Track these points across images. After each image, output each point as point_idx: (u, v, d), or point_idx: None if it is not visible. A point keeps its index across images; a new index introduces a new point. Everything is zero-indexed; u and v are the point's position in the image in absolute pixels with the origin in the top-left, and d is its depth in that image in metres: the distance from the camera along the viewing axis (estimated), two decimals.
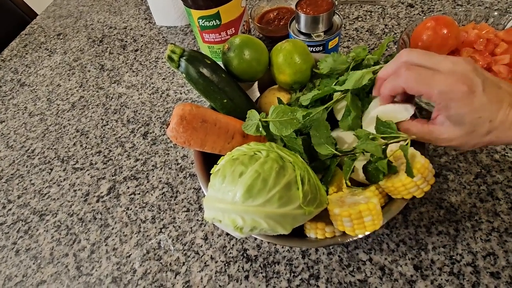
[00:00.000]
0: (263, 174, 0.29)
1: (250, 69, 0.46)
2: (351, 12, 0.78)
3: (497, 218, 0.43)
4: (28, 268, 0.51)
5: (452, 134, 0.32)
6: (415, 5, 0.75)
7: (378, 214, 0.32)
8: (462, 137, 0.31)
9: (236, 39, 0.46)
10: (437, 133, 0.33)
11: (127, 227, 0.53)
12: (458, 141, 0.32)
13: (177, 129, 0.38)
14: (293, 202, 0.30)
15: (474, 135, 0.31)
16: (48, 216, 0.57)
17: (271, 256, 0.46)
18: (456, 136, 0.32)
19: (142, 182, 0.58)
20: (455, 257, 0.41)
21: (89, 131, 0.69)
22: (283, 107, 0.35)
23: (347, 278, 0.42)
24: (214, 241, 0.48)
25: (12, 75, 0.90)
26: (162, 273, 0.47)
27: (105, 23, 0.99)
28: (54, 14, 1.10)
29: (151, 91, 0.74)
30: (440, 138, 0.33)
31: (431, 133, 0.33)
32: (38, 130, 0.73)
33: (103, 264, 0.49)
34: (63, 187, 0.61)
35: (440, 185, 0.47)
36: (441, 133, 0.32)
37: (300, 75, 0.46)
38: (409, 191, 0.34)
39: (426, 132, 0.34)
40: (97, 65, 0.85)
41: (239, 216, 0.29)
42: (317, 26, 0.56)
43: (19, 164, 0.67)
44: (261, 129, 0.37)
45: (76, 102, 0.77)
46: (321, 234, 0.35)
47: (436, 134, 0.33)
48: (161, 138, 0.64)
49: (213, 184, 0.33)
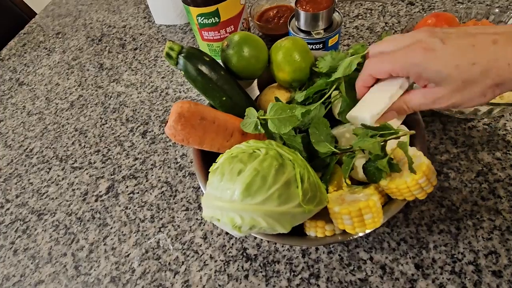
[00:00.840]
0: (262, 171, 0.29)
1: (249, 66, 0.46)
2: (351, 10, 0.78)
3: (498, 216, 0.43)
4: (26, 268, 0.51)
5: (444, 92, 0.30)
6: (415, 3, 0.75)
7: (378, 211, 0.32)
8: (457, 93, 0.29)
9: (235, 36, 0.45)
10: (433, 94, 0.31)
11: (126, 227, 0.52)
12: (456, 98, 0.29)
13: (175, 126, 0.37)
14: (292, 200, 0.29)
15: (470, 84, 0.28)
16: (47, 216, 0.57)
17: (271, 255, 0.45)
18: (449, 93, 0.29)
19: (141, 181, 0.58)
20: (457, 255, 0.41)
21: (88, 130, 0.69)
22: (281, 104, 0.35)
23: (348, 277, 0.42)
24: (213, 240, 0.48)
25: (11, 74, 0.90)
26: (161, 273, 0.46)
27: (104, 22, 0.98)
28: (53, 13, 1.10)
29: (150, 89, 0.74)
30: (438, 100, 0.31)
31: (426, 98, 0.32)
32: (37, 129, 0.72)
33: (102, 264, 0.49)
34: (61, 186, 0.60)
35: (441, 183, 0.47)
36: (436, 91, 0.30)
37: (299, 73, 0.45)
38: (413, 193, 0.33)
39: (423, 98, 0.32)
40: (96, 64, 0.85)
41: (238, 215, 0.28)
42: (317, 24, 0.55)
43: (17, 163, 0.67)
44: (259, 127, 0.37)
45: (74, 101, 0.77)
46: (321, 232, 0.35)
47: (432, 95, 0.31)
48: (160, 137, 0.64)
49: (211, 182, 0.32)
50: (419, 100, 0.32)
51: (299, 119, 0.34)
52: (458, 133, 0.51)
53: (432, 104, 0.32)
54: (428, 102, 0.32)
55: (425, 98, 0.32)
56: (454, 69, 0.28)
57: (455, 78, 0.28)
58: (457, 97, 0.29)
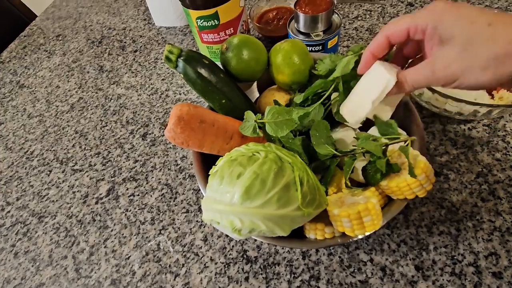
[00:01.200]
0: (262, 175, 0.29)
1: (248, 69, 0.46)
2: (350, 11, 0.78)
3: (498, 218, 0.43)
4: (27, 271, 0.51)
5: (446, 55, 0.28)
6: (414, 3, 0.75)
7: (378, 214, 0.32)
8: (459, 56, 0.27)
9: (235, 39, 0.45)
10: (431, 64, 0.29)
11: (126, 229, 0.52)
12: (457, 63, 0.28)
13: (175, 129, 0.38)
14: (291, 204, 0.29)
15: (477, 45, 0.26)
16: (47, 218, 0.57)
17: (271, 257, 0.45)
18: (452, 56, 0.28)
19: (141, 184, 0.58)
20: (457, 257, 0.41)
21: (88, 132, 0.69)
22: (278, 108, 0.35)
23: (348, 279, 0.42)
24: (213, 242, 0.48)
25: (11, 77, 0.90)
26: (162, 275, 0.46)
27: (104, 24, 0.99)
28: (53, 15, 1.10)
29: (150, 92, 0.74)
30: (437, 68, 0.29)
31: (425, 68, 0.30)
32: (37, 131, 0.73)
33: (102, 266, 0.49)
34: (62, 189, 0.60)
35: (441, 184, 0.47)
36: (435, 61, 0.29)
37: (299, 75, 0.45)
38: (413, 191, 0.34)
39: (422, 69, 0.31)
40: (96, 66, 0.85)
41: (237, 218, 0.29)
42: (316, 26, 0.56)
43: (18, 166, 0.67)
44: (258, 131, 0.37)
45: (75, 103, 0.77)
46: (321, 235, 0.35)
47: (431, 65, 0.30)
48: (160, 139, 0.64)
49: (211, 185, 0.32)
50: (418, 72, 0.31)
51: (296, 122, 0.34)
52: (458, 134, 0.51)
53: (431, 75, 0.30)
54: (427, 73, 0.30)
55: (423, 69, 0.30)
56: (469, 25, 0.26)
57: (466, 33, 0.27)
58: (457, 63, 0.28)
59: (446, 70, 0.28)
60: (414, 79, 0.32)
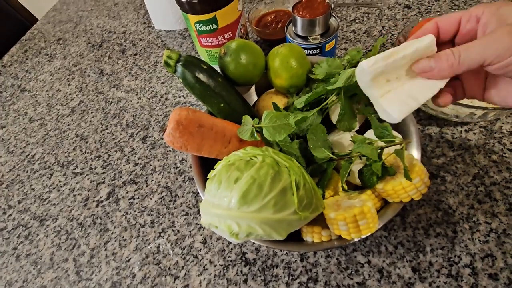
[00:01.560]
0: (259, 179, 0.30)
1: (246, 73, 0.47)
2: (348, 14, 0.78)
3: (495, 219, 0.43)
4: (28, 274, 0.52)
5: (498, 36, 0.25)
6: (412, 6, 0.75)
7: (373, 217, 0.32)
8: (506, 37, 0.25)
9: (233, 44, 0.46)
10: (489, 37, 0.26)
11: (126, 232, 0.53)
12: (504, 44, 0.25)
13: (173, 134, 0.38)
14: (288, 208, 0.30)
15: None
16: (48, 221, 0.57)
17: (270, 259, 0.46)
18: (502, 37, 0.25)
19: (141, 187, 0.58)
20: (453, 259, 0.41)
21: (89, 135, 0.70)
22: (275, 112, 0.36)
23: (346, 281, 0.42)
24: (212, 244, 0.49)
25: (13, 81, 0.91)
26: (161, 277, 0.47)
27: (104, 28, 0.99)
28: (54, 19, 1.11)
29: (150, 95, 0.74)
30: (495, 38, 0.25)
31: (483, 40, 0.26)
32: (38, 135, 0.73)
33: (103, 269, 0.50)
34: (63, 192, 0.61)
35: (437, 186, 0.47)
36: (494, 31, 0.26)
37: (296, 79, 0.46)
38: (409, 194, 0.34)
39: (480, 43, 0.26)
40: (97, 69, 0.86)
41: (235, 222, 0.29)
42: (313, 29, 0.56)
43: (19, 169, 0.67)
44: (255, 135, 0.38)
45: (75, 107, 0.77)
46: (318, 238, 0.35)
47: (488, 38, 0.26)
48: (160, 142, 0.65)
49: (209, 189, 0.33)
50: (478, 47, 0.26)
51: (293, 127, 0.34)
52: (454, 136, 0.52)
53: (483, 51, 0.26)
54: (486, 49, 0.26)
55: (481, 45, 0.26)
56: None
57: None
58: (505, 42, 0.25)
59: (506, 37, 0.25)
60: (473, 53, 0.27)
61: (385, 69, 0.29)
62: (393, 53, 0.29)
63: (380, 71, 0.29)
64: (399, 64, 0.30)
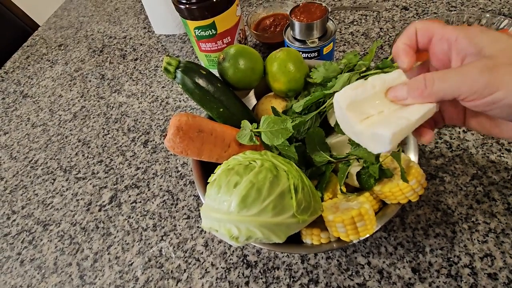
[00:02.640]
0: (257, 184, 0.30)
1: (245, 78, 0.47)
2: (346, 16, 0.79)
3: (493, 219, 0.44)
4: (32, 278, 0.52)
5: (470, 70, 0.24)
6: (409, 8, 0.76)
7: (371, 219, 0.33)
8: (481, 74, 0.23)
9: (231, 49, 0.47)
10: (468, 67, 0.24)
11: (129, 236, 0.54)
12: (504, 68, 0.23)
13: (174, 139, 0.39)
14: (287, 211, 0.30)
15: (495, 70, 0.23)
16: (52, 226, 0.58)
17: (271, 261, 0.46)
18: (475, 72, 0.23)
19: (143, 190, 0.59)
20: (453, 259, 0.42)
21: (91, 140, 0.71)
22: (273, 117, 0.36)
23: (346, 282, 0.43)
24: (214, 247, 0.49)
25: (15, 87, 0.92)
26: (164, 281, 0.47)
27: (105, 33, 1.01)
28: (55, 25, 1.12)
29: (151, 99, 0.75)
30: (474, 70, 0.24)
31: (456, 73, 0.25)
32: (41, 140, 0.74)
33: (106, 273, 0.50)
34: (66, 197, 0.62)
35: (436, 187, 0.48)
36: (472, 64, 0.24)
37: (294, 83, 0.46)
38: (406, 195, 0.35)
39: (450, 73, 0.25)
40: (98, 75, 0.87)
41: (234, 226, 0.30)
42: (311, 33, 0.57)
43: (22, 175, 0.68)
44: (254, 139, 0.38)
45: (77, 112, 0.78)
46: (317, 240, 0.36)
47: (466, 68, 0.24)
48: (161, 146, 0.65)
49: (209, 194, 0.33)
50: (454, 79, 0.25)
51: (291, 131, 0.35)
52: (452, 137, 0.52)
53: (458, 86, 0.24)
54: (461, 84, 0.24)
55: (456, 78, 0.24)
56: (505, 47, 0.23)
57: (496, 55, 0.23)
58: (504, 68, 0.23)
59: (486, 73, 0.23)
60: (447, 83, 0.25)
61: (356, 98, 0.27)
62: (362, 83, 0.28)
63: (354, 100, 0.27)
64: (370, 93, 0.28)
